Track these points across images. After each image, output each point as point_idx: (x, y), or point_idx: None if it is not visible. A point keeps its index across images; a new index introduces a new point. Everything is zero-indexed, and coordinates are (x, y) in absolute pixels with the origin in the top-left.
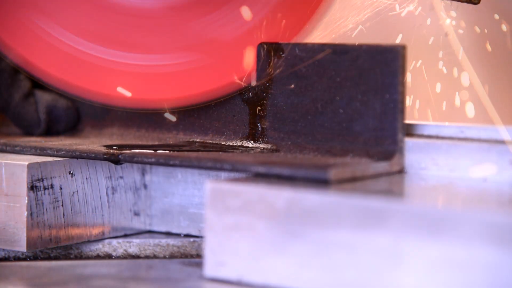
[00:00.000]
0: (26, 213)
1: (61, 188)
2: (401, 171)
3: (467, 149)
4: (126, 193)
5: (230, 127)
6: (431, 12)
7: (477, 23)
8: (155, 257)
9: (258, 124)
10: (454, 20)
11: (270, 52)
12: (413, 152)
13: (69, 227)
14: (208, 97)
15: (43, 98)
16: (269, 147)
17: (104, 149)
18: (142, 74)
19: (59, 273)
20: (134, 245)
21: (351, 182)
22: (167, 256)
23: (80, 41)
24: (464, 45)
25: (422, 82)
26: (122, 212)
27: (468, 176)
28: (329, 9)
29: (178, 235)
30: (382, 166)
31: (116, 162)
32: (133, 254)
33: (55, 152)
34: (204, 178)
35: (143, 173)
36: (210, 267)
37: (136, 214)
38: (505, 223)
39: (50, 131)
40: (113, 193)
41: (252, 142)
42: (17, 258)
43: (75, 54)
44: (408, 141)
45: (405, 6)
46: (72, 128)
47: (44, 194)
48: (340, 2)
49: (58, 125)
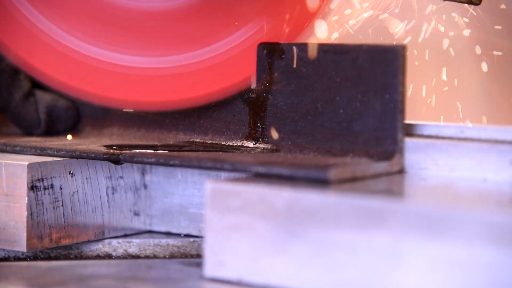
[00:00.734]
0: (26, 213)
1: (61, 188)
2: (401, 171)
3: (467, 149)
4: (126, 193)
5: (230, 127)
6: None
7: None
8: (155, 257)
9: (258, 124)
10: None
11: (270, 52)
12: (413, 152)
13: (69, 227)
14: (209, 100)
15: (43, 98)
16: (269, 147)
17: (104, 149)
18: (143, 76)
19: (59, 273)
20: (134, 245)
21: (351, 182)
22: (167, 256)
23: (80, 43)
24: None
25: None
26: (122, 212)
27: (468, 176)
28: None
29: (178, 235)
30: (382, 166)
31: (116, 162)
32: (133, 254)
33: (55, 152)
34: (204, 178)
35: (143, 173)
36: (210, 267)
37: (136, 214)
38: (505, 223)
39: (50, 131)
40: (113, 193)
41: (253, 142)
42: (17, 258)
43: (75, 56)
44: (408, 141)
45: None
46: (72, 128)
47: (44, 194)
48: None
49: (58, 125)
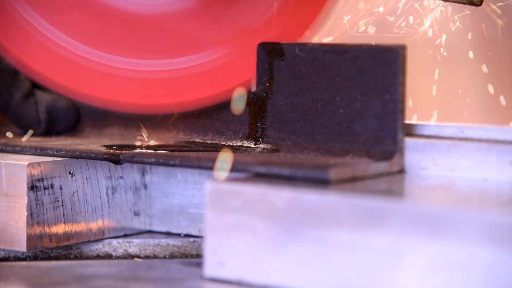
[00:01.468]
0: (26, 213)
1: (61, 188)
2: (401, 171)
3: (467, 149)
4: (126, 193)
5: (230, 127)
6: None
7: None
8: (155, 257)
9: (258, 124)
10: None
11: (270, 52)
12: (413, 152)
13: (69, 227)
14: (209, 102)
15: (43, 98)
16: (269, 147)
17: (104, 149)
18: (143, 79)
19: (59, 273)
20: (134, 245)
21: (351, 182)
22: (167, 256)
23: (80, 46)
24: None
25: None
26: (122, 212)
27: (468, 176)
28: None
29: (178, 235)
30: (382, 166)
31: (116, 162)
32: (133, 254)
33: (55, 152)
34: (204, 178)
35: (143, 173)
36: (210, 267)
37: (136, 214)
38: (505, 223)
39: (50, 131)
40: (113, 193)
41: (253, 142)
42: (17, 258)
43: (74, 59)
44: (408, 141)
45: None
46: (72, 128)
47: (44, 194)
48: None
49: (58, 125)
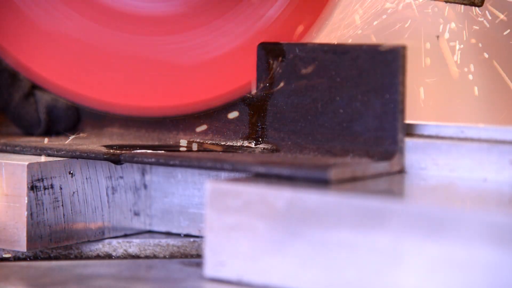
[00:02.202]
0: (26, 213)
1: (61, 188)
2: (401, 171)
3: (467, 149)
4: (126, 193)
5: (230, 127)
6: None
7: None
8: (155, 257)
9: (258, 124)
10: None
11: (270, 52)
12: (413, 152)
13: (69, 227)
14: (210, 105)
15: (43, 98)
16: (269, 147)
17: (104, 149)
18: (143, 82)
19: (59, 273)
20: (134, 245)
21: (351, 182)
22: (167, 256)
23: (80, 48)
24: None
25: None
26: (122, 212)
27: (468, 176)
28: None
29: (178, 235)
30: (382, 166)
31: (116, 162)
32: (133, 254)
33: (55, 152)
34: (204, 178)
35: (143, 173)
36: (210, 267)
37: (136, 214)
38: (505, 223)
39: (50, 131)
40: (113, 193)
41: (253, 142)
42: (17, 258)
43: (74, 61)
44: (408, 141)
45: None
46: (72, 128)
47: (44, 194)
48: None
49: (58, 125)
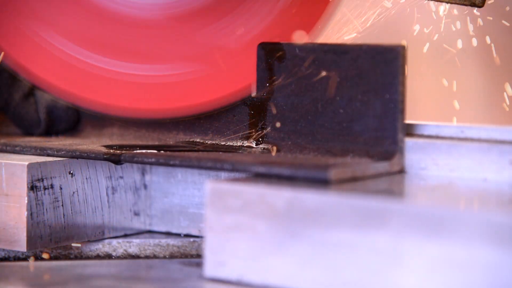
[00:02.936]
0: (26, 213)
1: (61, 188)
2: (401, 171)
3: (467, 149)
4: (126, 193)
5: (230, 127)
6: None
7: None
8: (155, 257)
9: (258, 124)
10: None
11: (270, 52)
12: (413, 152)
13: (69, 227)
14: (210, 107)
15: (43, 98)
16: (269, 147)
17: (104, 149)
18: (143, 84)
19: (59, 273)
20: (134, 245)
21: (351, 182)
22: (167, 256)
23: (80, 50)
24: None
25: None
26: (122, 212)
27: (468, 176)
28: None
29: (178, 235)
30: (382, 166)
31: (116, 162)
32: (133, 254)
33: (55, 152)
34: (204, 178)
35: (143, 173)
36: (210, 267)
37: (136, 214)
38: (505, 223)
39: (50, 131)
40: (113, 193)
41: (253, 142)
42: (17, 258)
43: (74, 63)
44: (408, 141)
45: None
46: (72, 128)
47: (44, 194)
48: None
49: (58, 125)
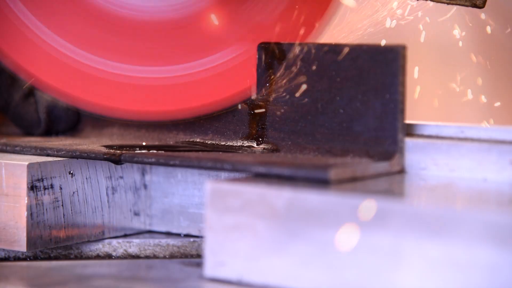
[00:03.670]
0: (26, 213)
1: (61, 188)
2: (401, 171)
3: (467, 149)
4: (126, 193)
5: (230, 127)
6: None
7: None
8: (155, 257)
9: (258, 124)
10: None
11: (270, 52)
12: (413, 152)
13: (69, 227)
14: (211, 109)
15: (43, 98)
16: (269, 147)
17: (104, 149)
18: (143, 86)
19: (59, 273)
20: (134, 245)
21: (351, 182)
22: (167, 256)
23: (80, 52)
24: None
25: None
26: (122, 212)
27: (468, 176)
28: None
29: (178, 235)
30: (382, 166)
31: (116, 162)
32: (133, 254)
33: (55, 152)
34: (204, 178)
35: (143, 173)
36: (210, 267)
37: (136, 214)
38: (505, 223)
39: (50, 131)
40: (113, 193)
41: (254, 142)
42: (17, 258)
43: (74, 65)
44: (408, 141)
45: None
46: (72, 128)
47: (44, 194)
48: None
49: (58, 125)
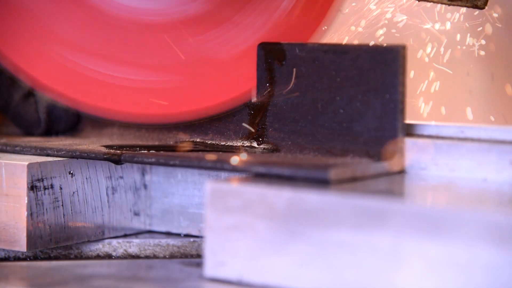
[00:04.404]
0: (26, 213)
1: (61, 188)
2: (401, 171)
3: (467, 149)
4: (126, 193)
5: (230, 127)
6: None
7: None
8: (155, 257)
9: (258, 124)
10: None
11: (270, 52)
12: (413, 152)
13: (69, 227)
14: (211, 112)
15: (43, 98)
16: (269, 147)
17: (104, 149)
18: (142, 89)
19: (59, 273)
20: (134, 245)
21: (351, 182)
22: (167, 256)
23: (79, 55)
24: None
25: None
26: (122, 212)
27: (468, 176)
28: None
29: (178, 235)
30: (382, 166)
31: (117, 162)
32: (133, 254)
33: (55, 152)
34: (204, 178)
35: (143, 173)
36: (210, 267)
37: (136, 214)
38: (505, 223)
39: (50, 131)
40: (113, 193)
41: (254, 142)
42: (17, 258)
43: (74, 68)
44: (408, 141)
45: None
46: (72, 128)
47: (44, 194)
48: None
49: (58, 125)
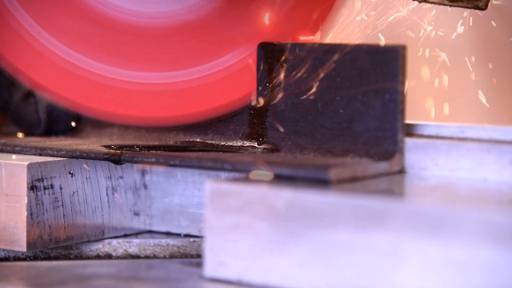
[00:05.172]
0: (26, 213)
1: (61, 188)
2: (401, 171)
3: (467, 149)
4: (126, 193)
5: (230, 127)
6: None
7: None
8: (155, 257)
9: (258, 124)
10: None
11: (270, 52)
12: (413, 152)
13: (69, 227)
14: (211, 115)
15: (43, 98)
16: (269, 147)
17: (104, 149)
18: (141, 92)
19: (59, 273)
20: (134, 245)
21: (351, 182)
22: (167, 256)
23: (79, 57)
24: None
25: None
26: (122, 212)
27: (468, 176)
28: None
29: (178, 235)
30: (382, 166)
31: (117, 162)
32: (133, 254)
33: (55, 152)
34: (204, 178)
35: (143, 173)
36: (210, 267)
37: (136, 214)
38: (505, 223)
39: (50, 131)
40: (113, 193)
41: (254, 143)
42: (17, 258)
43: (73, 69)
44: (408, 141)
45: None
46: (72, 128)
47: (44, 194)
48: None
49: (58, 125)
